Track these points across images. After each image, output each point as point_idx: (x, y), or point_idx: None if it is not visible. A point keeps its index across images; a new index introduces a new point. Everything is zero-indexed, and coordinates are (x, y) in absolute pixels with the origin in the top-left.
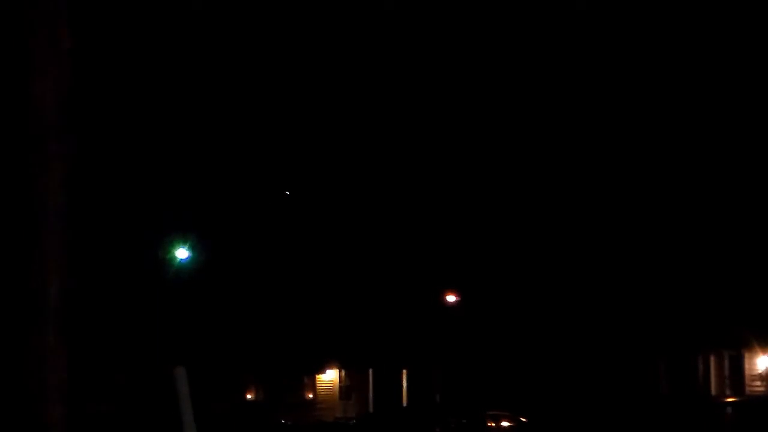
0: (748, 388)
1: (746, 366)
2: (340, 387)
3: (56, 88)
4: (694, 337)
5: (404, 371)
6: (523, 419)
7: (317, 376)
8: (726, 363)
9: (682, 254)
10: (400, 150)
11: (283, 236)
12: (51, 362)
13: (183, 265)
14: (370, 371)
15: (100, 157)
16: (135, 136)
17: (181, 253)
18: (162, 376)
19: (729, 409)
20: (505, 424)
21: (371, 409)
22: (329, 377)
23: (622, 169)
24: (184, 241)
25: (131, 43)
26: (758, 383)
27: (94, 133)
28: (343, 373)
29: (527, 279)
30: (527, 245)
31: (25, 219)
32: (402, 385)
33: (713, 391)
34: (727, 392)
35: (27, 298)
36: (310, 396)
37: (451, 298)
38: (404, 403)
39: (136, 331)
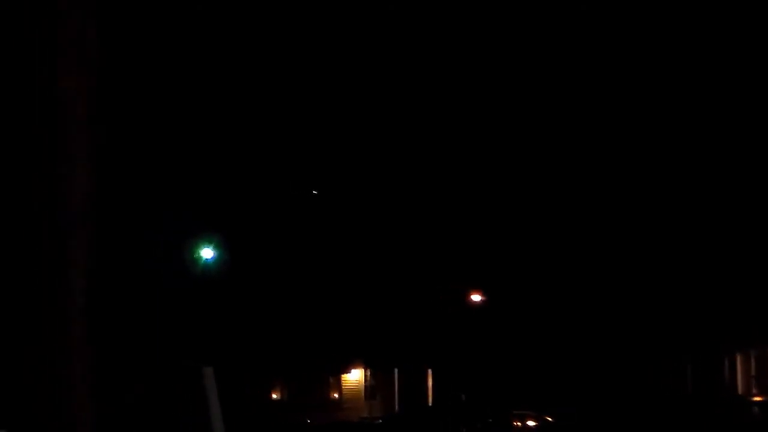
0: None
1: None
2: (365, 387)
3: (84, 82)
4: (720, 337)
5: (429, 371)
6: (549, 419)
7: (343, 376)
8: (752, 362)
9: (709, 255)
10: (428, 150)
11: (310, 236)
12: (77, 356)
13: (208, 265)
14: (396, 371)
15: (123, 153)
16: (159, 134)
17: (207, 253)
18: (187, 375)
19: (756, 409)
20: (530, 423)
21: (397, 409)
22: (355, 377)
23: (646, 170)
24: (209, 241)
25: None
26: None
27: (118, 129)
28: (368, 372)
29: (553, 279)
30: (553, 246)
31: (50, 214)
32: (427, 385)
33: (740, 390)
34: (754, 391)
35: (52, 292)
36: (336, 396)
37: (476, 298)
38: (430, 403)
39: (160, 330)
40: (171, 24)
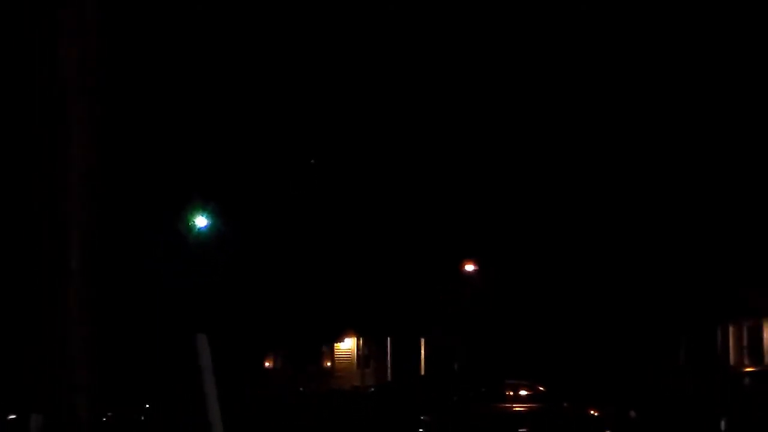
0: (767, 358)
1: (765, 336)
2: (358, 356)
3: (83, 56)
4: (712, 308)
5: (422, 340)
6: (542, 388)
7: (335, 345)
8: (744, 333)
9: (701, 225)
10: (421, 119)
11: (304, 205)
12: (75, 326)
13: (202, 233)
14: (389, 340)
15: (119, 124)
16: (153, 104)
17: (200, 221)
18: (182, 344)
19: (747, 380)
20: (523, 393)
21: (389, 378)
22: (347, 346)
23: (643, 141)
24: (203, 209)
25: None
26: None
27: (116, 99)
28: (361, 341)
29: (546, 249)
30: (546, 215)
31: (49, 180)
32: (420, 354)
33: (732, 361)
34: (746, 362)
35: (50, 261)
36: (329, 364)
37: (469, 267)
38: (422, 372)
39: (154, 299)
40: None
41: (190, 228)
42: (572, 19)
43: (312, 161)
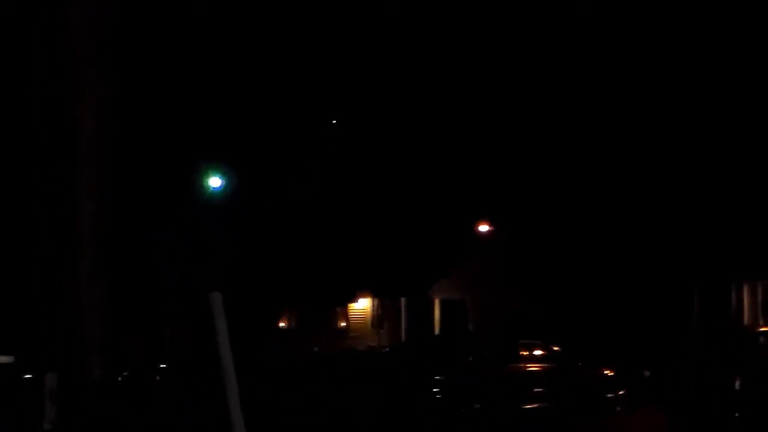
0: None
1: None
2: (372, 316)
3: (92, 21)
4: (727, 267)
5: (436, 300)
6: (556, 348)
7: (350, 305)
8: (759, 292)
9: (718, 181)
10: (436, 81)
11: (318, 165)
12: (89, 285)
13: (216, 194)
14: (403, 300)
15: (132, 85)
16: (165, 63)
17: (214, 182)
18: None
19: (762, 339)
20: (537, 353)
21: (404, 338)
22: (362, 306)
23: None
24: (216, 170)
25: None
26: None
27: (127, 61)
28: (375, 302)
29: (560, 208)
30: (561, 175)
31: (61, 144)
32: (434, 315)
33: (746, 320)
34: (761, 321)
35: (63, 222)
36: (343, 325)
37: (483, 228)
38: (436, 332)
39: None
40: None
41: (204, 188)
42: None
43: (333, 121)
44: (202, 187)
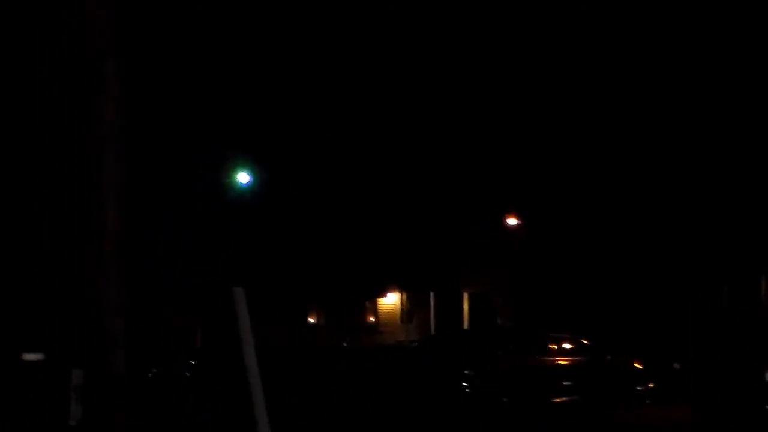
0: None
1: None
2: (401, 310)
3: (109, 15)
4: (757, 257)
5: (465, 294)
6: (585, 341)
7: (378, 300)
8: None
9: (745, 177)
10: (461, 78)
11: (344, 159)
12: (109, 277)
13: (244, 190)
14: (432, 294)
15: (158, 82)
16: (193, 61)
17: (243, 178)
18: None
19: None
20: (567, 346)
21: (432, 332)
22: (390, 301)
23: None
24: (245, 166)
25: None
26: None
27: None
28: (404, 296)
29: (590, 202)
30: (590, 169)
31: (83, 144)
32: (463, 308)
33: None
34: None
35: (85, 219)
36: (372, 320)
37: (512, 221)
38: (465, 326)
39: (199, 255)
40: None
41: (231, 185)
42: None
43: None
44: (230, 182)
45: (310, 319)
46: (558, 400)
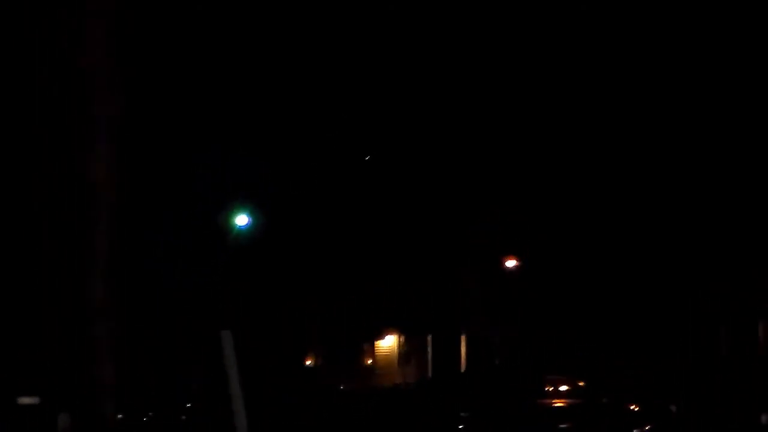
0: None
1: None
2: (398, 353)
3: (101, 60)
4: (754, 302)
5: (463, 336)
6: (581, 383)
7: (376, 342)
8: None
9: (744, 220)
10: (456, 114)
11: (340, 202)
12: (100, 322)
13: (242, 232)
14: (429, 337)
15: (156, 119)
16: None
17: (241, 220)
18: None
19: None
20: (563, 388)
21: (430, 375)
22: (388, 343)
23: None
24: (243, 208)
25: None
26: None
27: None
28: (402, 339)
29: (586, 245)
30: (586, 211)
31: (76, 179)
32: (461, 351)
33: None
34: None
35: (80, 250)
36: (369, 362)
37: (510, 263)
38: (463, 369)
39: (196, 295)
40: None
41: (230, 227)
42: None
43: (367, 158)
44: (229, 225)
45: (308, 362)
46: None
